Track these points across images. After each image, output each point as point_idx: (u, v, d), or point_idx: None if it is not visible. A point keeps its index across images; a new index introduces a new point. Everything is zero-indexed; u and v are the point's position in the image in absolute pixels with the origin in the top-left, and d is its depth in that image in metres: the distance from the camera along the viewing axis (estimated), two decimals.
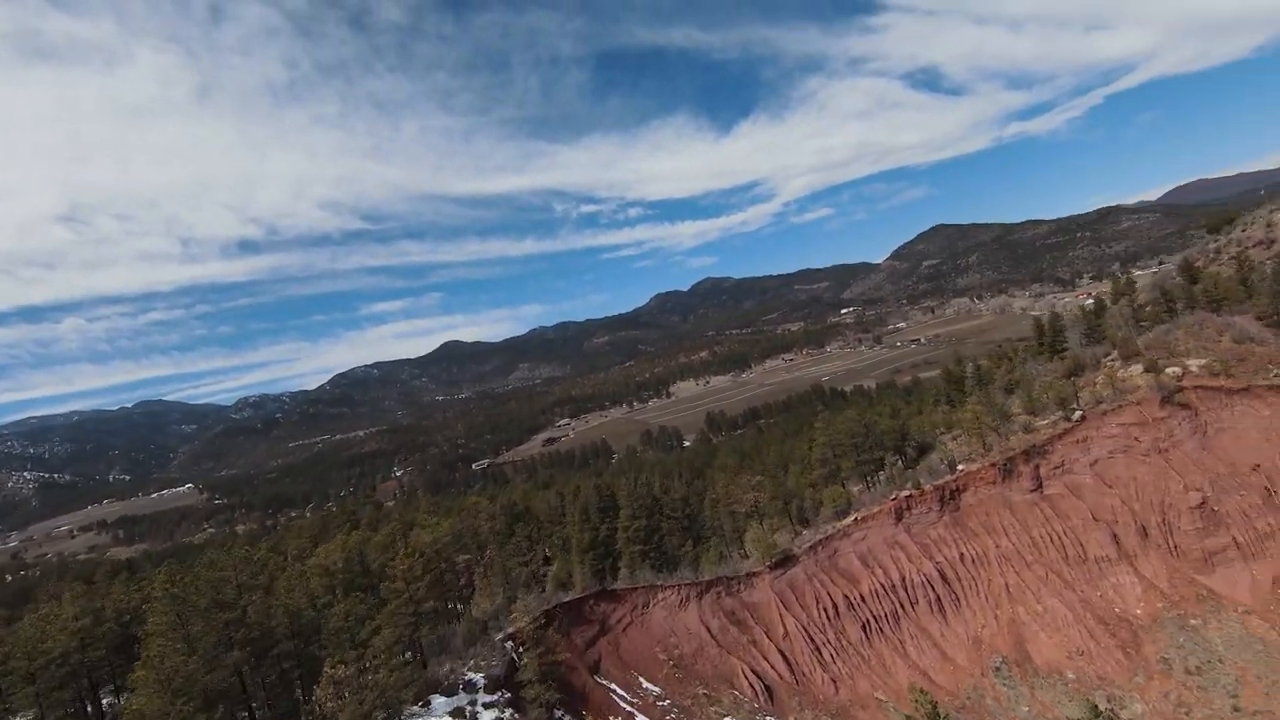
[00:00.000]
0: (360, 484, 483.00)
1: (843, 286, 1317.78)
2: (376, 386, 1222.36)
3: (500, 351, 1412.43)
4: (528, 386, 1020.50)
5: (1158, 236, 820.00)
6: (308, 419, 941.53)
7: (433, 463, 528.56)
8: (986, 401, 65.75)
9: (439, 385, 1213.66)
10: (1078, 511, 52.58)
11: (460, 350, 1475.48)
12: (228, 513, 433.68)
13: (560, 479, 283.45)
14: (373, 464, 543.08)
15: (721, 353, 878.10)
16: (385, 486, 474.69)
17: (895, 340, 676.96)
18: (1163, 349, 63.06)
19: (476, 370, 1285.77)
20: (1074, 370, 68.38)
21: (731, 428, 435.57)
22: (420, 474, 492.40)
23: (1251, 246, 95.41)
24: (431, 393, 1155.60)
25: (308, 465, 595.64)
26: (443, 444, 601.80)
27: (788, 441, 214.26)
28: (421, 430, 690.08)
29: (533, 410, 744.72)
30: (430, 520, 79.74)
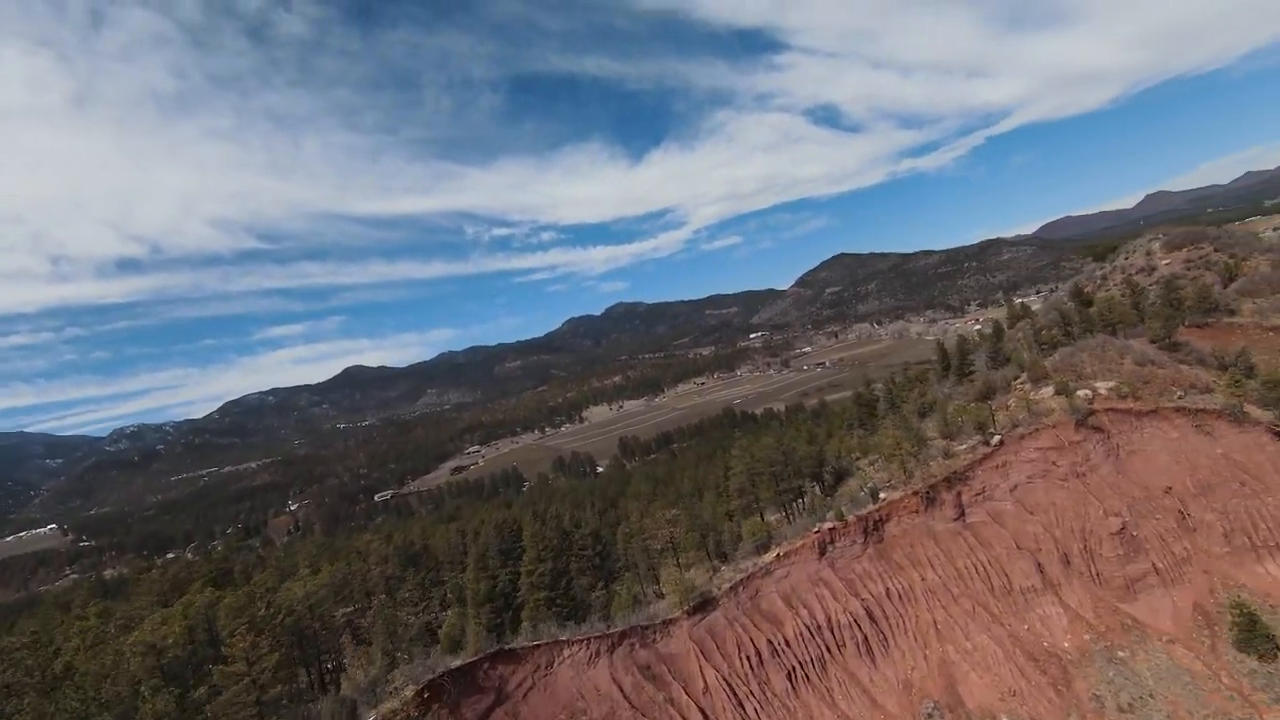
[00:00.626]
0: (250, 520, 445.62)
1: (751, 312, 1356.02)
2: (272, 414, 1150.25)
3: (407, 376, 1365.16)
4: (436, 412, 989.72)
5: (1035, 267, 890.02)
6: (193, 450, 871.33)
7: (331, 495, 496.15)
8: (905, 427, 64.00)
9: (340, 412, 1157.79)
10: (1001, 540, 50.71)
11: (364, 375, 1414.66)
12: (95, 556, 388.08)
13: (468, 510, 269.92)
14: (265, 498, 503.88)
15: (634, 377, 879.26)
16: (278, 522, 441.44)
17: (802, 364, 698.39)
18: (1070, 371, 63.38)
19: (381, 396, 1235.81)
20: (986, 393, 67.98)
21: (645, 452, 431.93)
22: (317, 508, 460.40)
23: (1135, 273, 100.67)
24: (332, 420, 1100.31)
25: (191, 501, 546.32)
26: (343, 474, 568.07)
27: (701, 466, 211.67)
28: (320, 460, 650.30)
29: (441, 437, 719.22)
30: (305, 572, 69.64)
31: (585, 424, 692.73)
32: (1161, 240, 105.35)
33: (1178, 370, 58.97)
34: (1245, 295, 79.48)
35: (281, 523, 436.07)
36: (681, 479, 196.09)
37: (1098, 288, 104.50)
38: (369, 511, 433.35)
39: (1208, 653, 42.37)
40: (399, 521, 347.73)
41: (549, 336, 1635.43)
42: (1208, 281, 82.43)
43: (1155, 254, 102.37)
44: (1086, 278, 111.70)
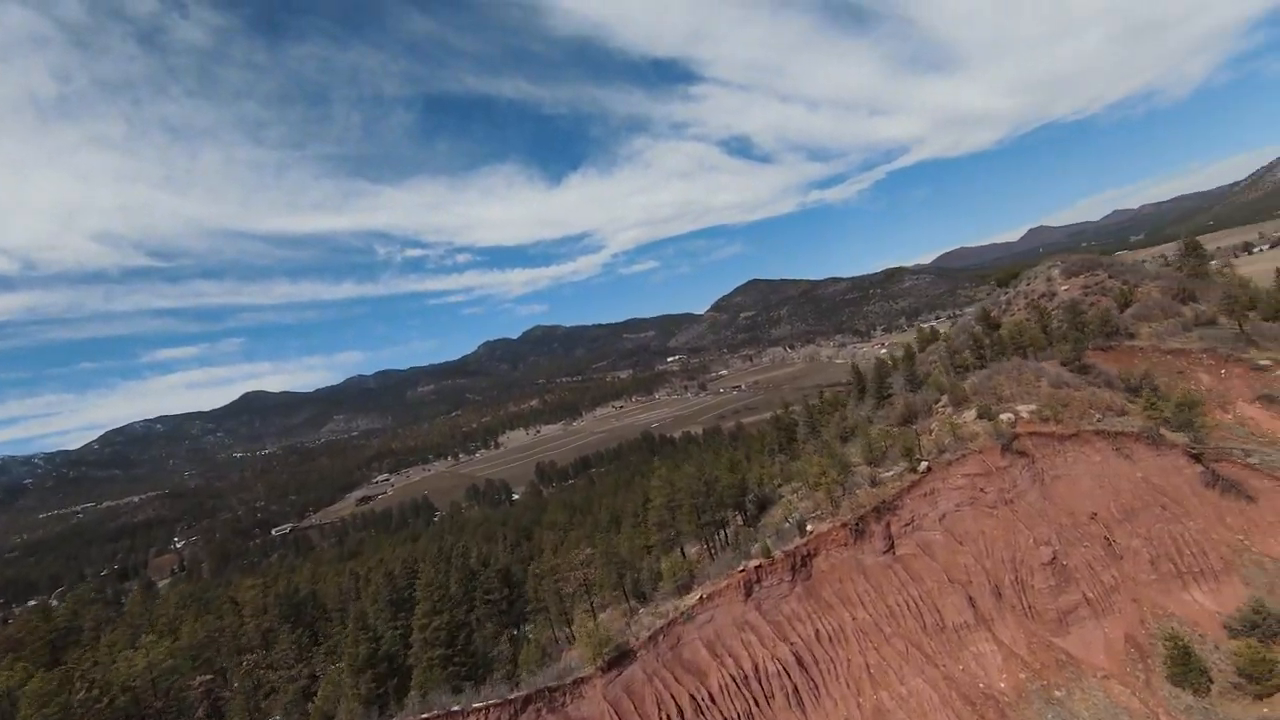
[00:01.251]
0: (128, 560, 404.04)
1: (668, 335, 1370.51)
2: (160, 444, 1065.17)
3: (312, 402, 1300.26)
4: (342, 440, 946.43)
5: (934, 294, 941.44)
6: (67, 484, 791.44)
7: (223, 530, 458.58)
8: (829, 453, 61.30)
9: (237, 441, 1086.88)
10: (931, 573, 48.04)
11: (264, 401, 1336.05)
12: None
13: (371, 545, 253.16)
14: (148, 535, 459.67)
15: (552, 401, 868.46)
16: (160, 561, 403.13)
17: (719, 387, 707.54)
18: (990, 394, 62.60)
19: (283, 423, 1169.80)
20: (908, 417, 66.43)
21: (562, 478, 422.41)
22: (207, 544, 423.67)
23: (1037, 298, 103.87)
24: (228, 449, 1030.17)
25: (62, 540, 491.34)
26: (238, 507, 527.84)
27: (620, 493, 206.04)
28: (212, 492, 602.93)
29: (347, 465, 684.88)
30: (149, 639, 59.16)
31: (501, 449, 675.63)
32: (1060, 267, 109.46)
33: (1093, 393, 58.95)
34: (1141, 320, 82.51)
35: (165, 562, 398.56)
36: (599, 507, 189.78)
37: (1003, 312, 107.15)
38: (265, 547, 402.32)
39: (1143, 688, 40.62)
40: (297, 558, 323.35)
41: (464, 360, 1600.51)
42: (1106, 306, 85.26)
43: (1055, 280, 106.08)
44: (992, 303, 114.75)
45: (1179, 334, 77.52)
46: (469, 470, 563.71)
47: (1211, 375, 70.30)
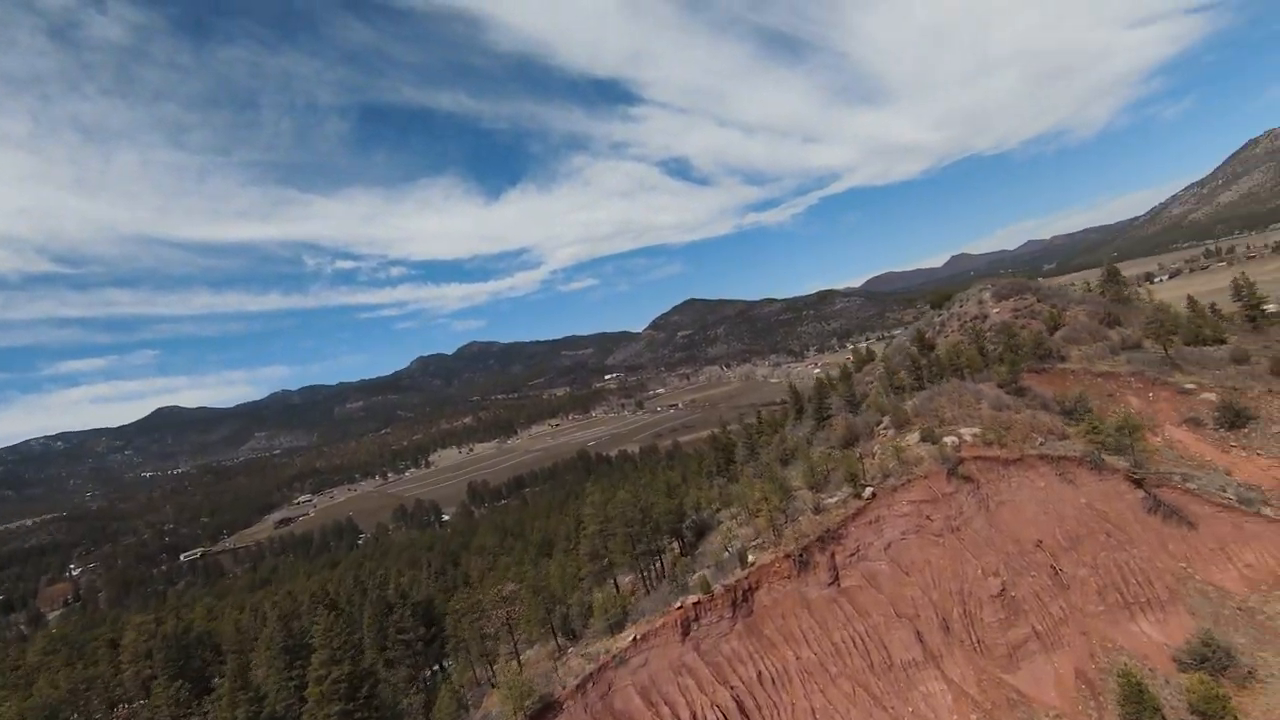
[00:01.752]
0: (16, 590, 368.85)
1: (606, 353, 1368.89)
2: (60, 462, 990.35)
3: (231, 418, 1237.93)
4: (263, 458, 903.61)
5: (864, 316, 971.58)
6: None
7: (126, 556, 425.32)
8: (770, 477, 58.40)
9: (148, 459, 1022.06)
10: (878, 606, 45.37)
11: (179, 417, 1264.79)
12: None
13: (286, 571, 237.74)
14: (40, 562, 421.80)
15: (486, 418, 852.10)
16: (53, 591, 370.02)
17: (656, 405, 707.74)
18: (931, 416, 61.19)
19: (199, 440, 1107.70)
20: (850, 439, 64.46)
21: (496, 498, 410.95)
22: (107, 571, 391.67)
23: (970, 320, 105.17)
24: (136, 469, 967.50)
25: None
26: (143, 531, 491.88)
27: (554, 515, 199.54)
28: (116, 515, 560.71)
29: (267, 485, 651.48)
30: None
31: (432, 468, 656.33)
32: (991, 290, 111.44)
33: (1033, 416, 58.23)
34: (1070, 343, 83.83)
35: (58, 592, 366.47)
36: (532, 529, 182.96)
37: (937, 333, 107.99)
38: (170, 574, 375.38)
39: None
40: (205, 585, 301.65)
41: (396, 376, 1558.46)
42: (1038, 329, 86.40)
43: (986, 302, 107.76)
44: (926, 324, 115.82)
45: (1107, 357, 78.82)
46: (398, 490, 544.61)
47: (1140, 398, 71.24)
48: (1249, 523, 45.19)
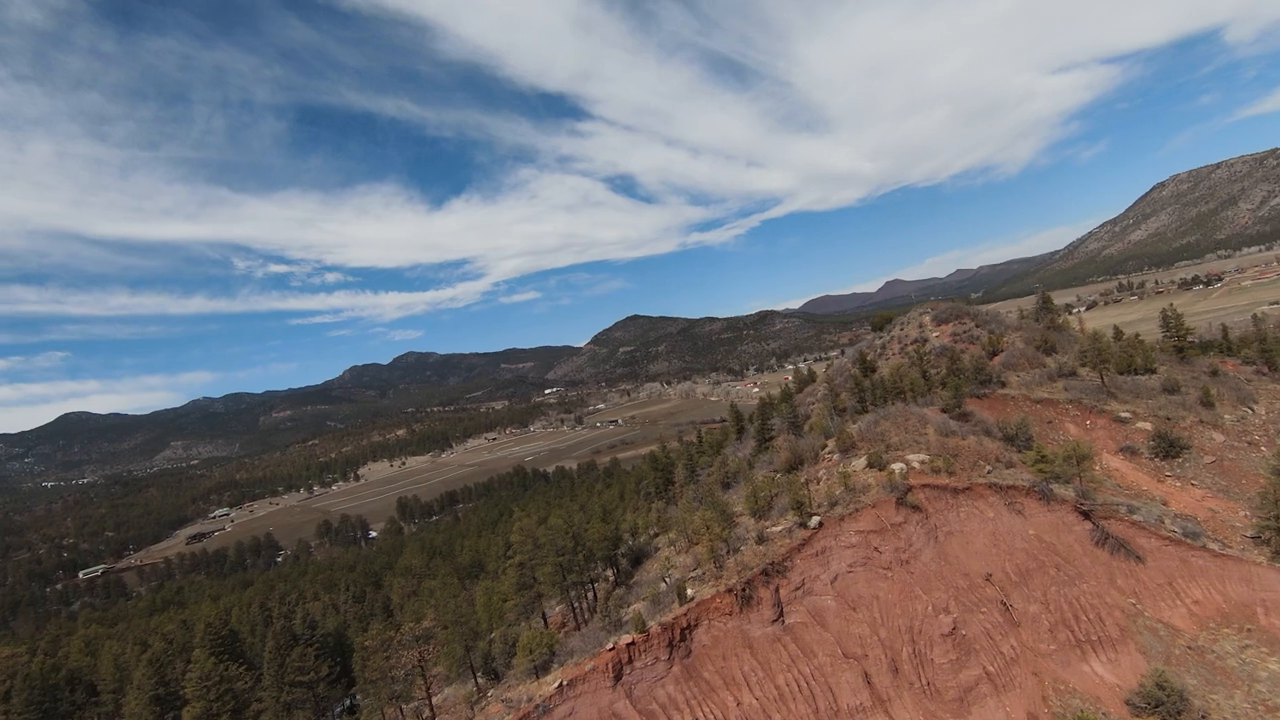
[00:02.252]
0: None
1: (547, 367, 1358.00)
2: None
3: (147, 426, 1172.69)
4: (179, 469, 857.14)
5: (802, 337, 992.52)
6: None
7: (17, 573, 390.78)
8: (712, 502, 55.03)
9: (50, 468, 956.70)
10: (824, 645, 42.23)
11: (87, 424, 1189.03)
12: None
13: (193, 592, 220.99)
14: None
15: (421, 431, 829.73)
16: None
17: (595, 420, 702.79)
18: (877, 441, 59.10)
19: (109, 449, 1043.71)
20: (794, 462, 61.79)
21: (426, 514, 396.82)
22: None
23: (910, 344, 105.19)
24: (37, 478, 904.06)
25: None
26: (39, 545, 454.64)
27: (485, 534, 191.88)
28: (10, 527, 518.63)
29: (181, 498, 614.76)
30: None
31: (361, 482, 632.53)
32: (931, 314, 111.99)
33: (980, 443, 56.80)
34: (1009, 369, 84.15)
35: None
36: (461, 549, 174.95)
37: (879, 355, 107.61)
38: (67, 594, 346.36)
39: None
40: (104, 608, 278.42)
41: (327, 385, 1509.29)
42: (978, 354, 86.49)
43: (927, 326, 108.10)
44: (868, 346, 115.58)
45: (1045, 384, 79.13)
46: (324, 504, 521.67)
47: (1078, 426, 71.29)
48: (1195, 557, 44.26)
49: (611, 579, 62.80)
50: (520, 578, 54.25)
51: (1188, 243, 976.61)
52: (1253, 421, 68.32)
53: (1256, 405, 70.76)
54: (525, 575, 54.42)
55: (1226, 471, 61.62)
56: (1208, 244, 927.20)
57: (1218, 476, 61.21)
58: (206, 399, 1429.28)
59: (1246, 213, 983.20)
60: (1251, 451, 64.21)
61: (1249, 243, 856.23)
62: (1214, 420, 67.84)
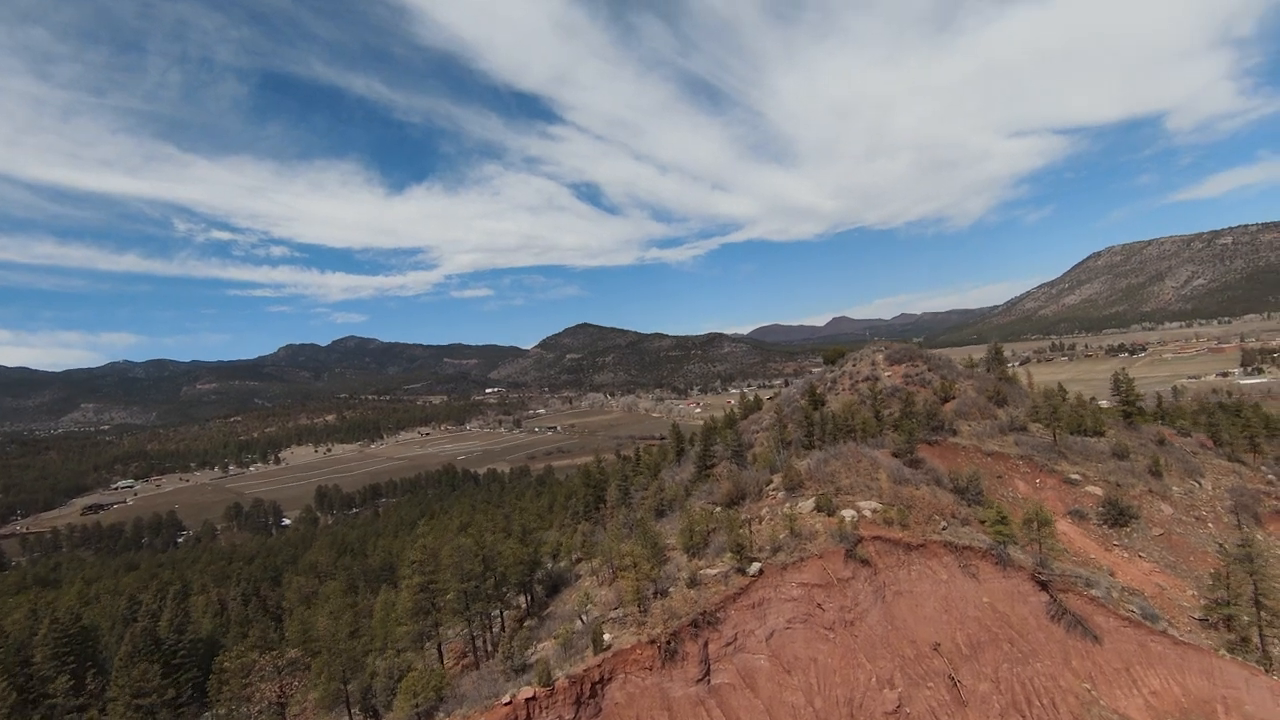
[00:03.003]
0: None
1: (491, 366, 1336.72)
2: None
3: (58, 384, 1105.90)
4: (87, 433, 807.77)
5: (748, 363, 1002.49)
6: None
7: None
8: (644, 534, 49.55)
9: None
10: (753, 713, 37.05)
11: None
12: None
13: (71, 570, 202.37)
14: None
15: (352, 418, 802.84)
16: None
17: (534, 425, 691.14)
18: (827, 482, 54.79)
19: (12, 404, 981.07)
20: (735, 496, 56.93)
21: (346, 506, 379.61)
22: None
23: (861, 381, 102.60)
24: None
25: None
26: None
27: (401, 535, 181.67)
28: None
29: (84, 465, 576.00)
30: None
31: (282, 465, 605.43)
32: (885, 353, 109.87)
33: (934, 493, 53.07)
34: (961, 417, 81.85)
35: None
36: (374, 549, 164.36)
37: (829, 389, 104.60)
38: None
39: None
40: None
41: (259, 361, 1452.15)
42: (931, 399, 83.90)
43: (879, 364, 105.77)
44: (818, 378, 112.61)
45: (996, 436, 76.81)
46: (238, 485, 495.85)
47: (1028, 484, 68.79)
48: (1154, 642, 41.06)
49: (524, 606, 56.55)
50: (417, 602, 47.36)
51: (1116, 311, 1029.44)
52: (1200, 496, 67.08)
53: (1203, 479, 69.73)
54: (423, 600, 47.55)
55: (1174, 546, 59.67)
56: (1134, 315, 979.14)
57: (1165, 550, 59.16)
58: (127, 362, 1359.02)
59: (1171, 290, 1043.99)
60: (1199, 527, 62.64)
61: (1171, 318, 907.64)
62: (1163, 491, 66.27)
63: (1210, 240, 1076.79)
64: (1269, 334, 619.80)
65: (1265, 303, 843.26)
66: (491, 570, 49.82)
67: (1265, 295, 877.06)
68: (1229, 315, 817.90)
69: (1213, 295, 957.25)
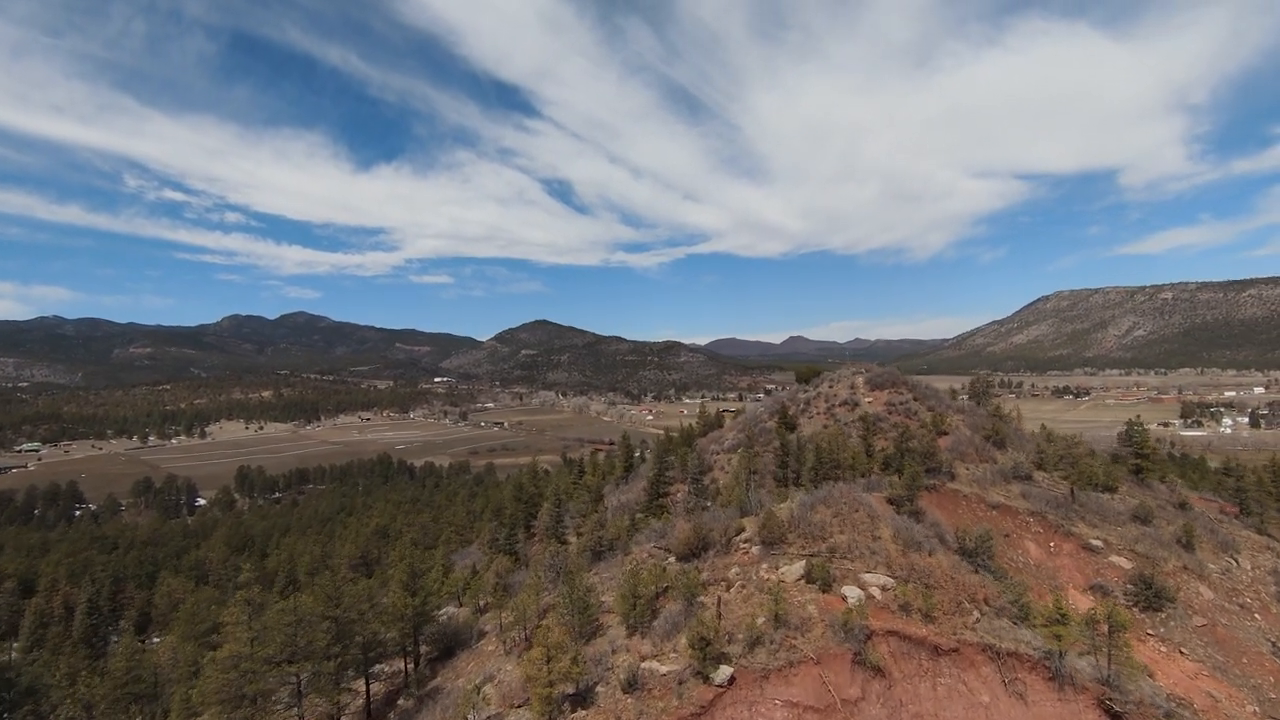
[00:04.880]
0: None
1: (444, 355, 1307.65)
2: None
3: None
4: (3, 388, 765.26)
5: (704, 374, 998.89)
6: None
7: None
8: (575, 597, 35.90)
9: None
10: None
11: None
12: None
13: None
14: None
15: (290, 396, 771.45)
16: None
17: (481, 419, 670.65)
18: (815, 535, 42.11)
19: None
20: (695, 546, 43.70)
21: (269, 490, 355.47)
22: None
23: (838, 405, 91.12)
24: None
25: None
26: None
27: (319, 530, 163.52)
28: None
29: None
30: None
31: (208, 440, 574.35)
32: (865, 376, 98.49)
33: (955, 565, 40.86)
34: (957, 457, 70.79)
35: None
36: (278, 548, 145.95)
37: (801, 412, 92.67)
38: None
39: None
40: None
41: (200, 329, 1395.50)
42: (928, 437, 72.45)
43: (859, 389, 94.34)
44: (789, 398, 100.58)
45: (999, 484, 65.50)
46: (156, 458, 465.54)
47: (1040, 547, 57.47)
48: None
49: (402, 674, 42.29)
50: (223, 685, 31.85)
51: (1061, 354, 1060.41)
52: (1239, 577, 56.73)
53: (1239, 556, 59.61)
54: (233, 685, 32.19)
55: (1221, 641, 48.83)
56: (1078, 359, 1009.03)
57: (1211, 647, 48.23)
58: (57, 318, 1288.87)
59: (1113, 338, 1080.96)
60: (1245, 617, 52.03)
61: (1112, 365, 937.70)
62: (1198, 569, 55.65)
63: (1152, 294, 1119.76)
64: (1204, 388, 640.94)
65: (1199, 358, 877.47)
66: (350, 638, 35.33)
67: (1200, 351, 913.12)
68: (1165, 367, 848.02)
69: (1151, 346, 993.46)
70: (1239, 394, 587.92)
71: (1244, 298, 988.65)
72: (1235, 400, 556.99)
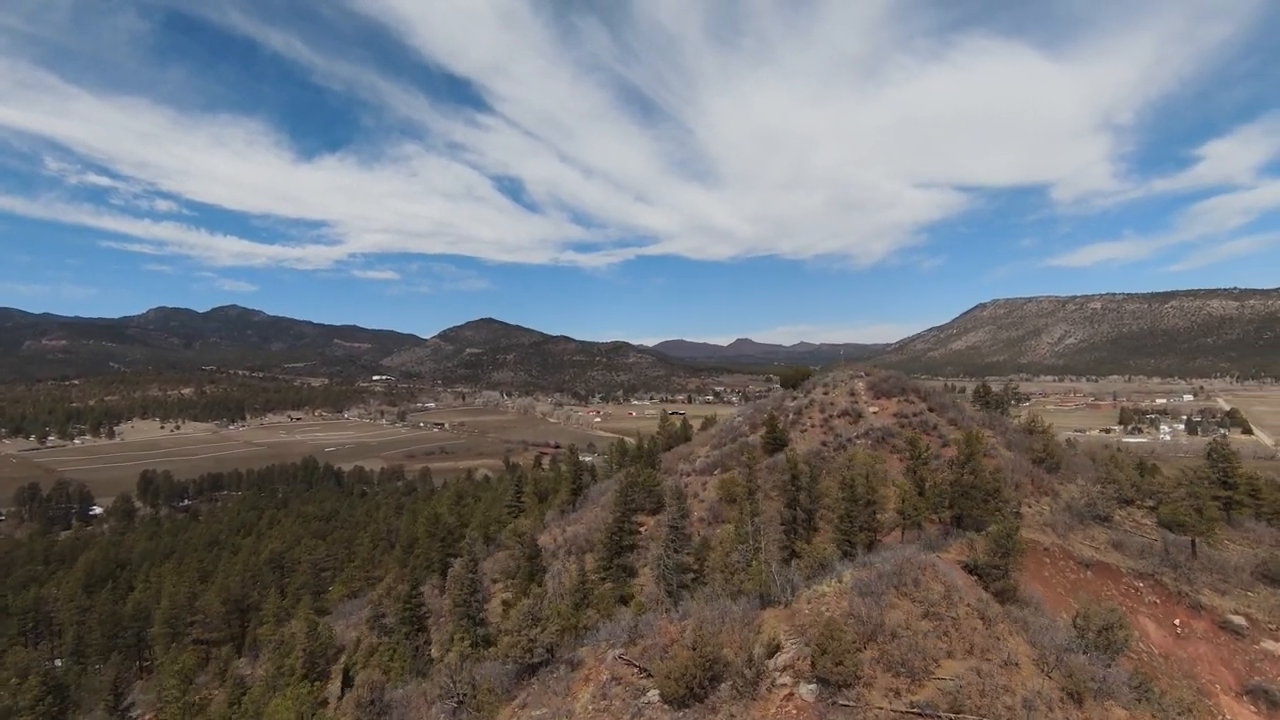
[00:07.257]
0: None
1: (385, 353, 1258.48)
2: None
3: None
4: None
5: (652, 376, 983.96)
6: None
7: None
8: None
9: None
10: None
11: None
12: None
13: None
14: None
15: (214, 393, 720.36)
16: None
17: (421, 420, 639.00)
18: (907, 667, 24.12)
19: None
20: (700, 678, 25.09)
21: (176, 497, 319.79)
22: None
23: (836, 416, 74.10)
24: None
25: None
26: None
27: (211, 555, 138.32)
28: None
29: None
30: None
31: (116, 441, 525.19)
32: (865, 380, 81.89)
33: None
34: (1010, 490, 54.44)
35: None
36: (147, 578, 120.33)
37: (792, 424, 75.11)
38: None
39: None
40: None
41: (124, 322, 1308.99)
42: (994, 465, 55.70)
43: (861, 396, 77.61)
44: (776, 405, 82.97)
45: (1076, 528, 49.28)
46: (51, 460, 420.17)
47: (1160, 626, 40.89)
48: None
49: None
50: None
51: (998, 360, 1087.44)
52: None
53: None
54: None
55: None
56: (1013, 365, 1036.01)
57: None
58: None
59: (1047, 345, 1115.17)
60: None
61: (1045, 371, 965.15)
62: None
63: (1082, 304, 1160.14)
64: (1136, 395, 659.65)
65: (1126, 365, 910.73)
66: None
67: (1127, 359, 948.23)
68: (1095, 374, 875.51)
69: (1082, 354, 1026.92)
70: (1170, 401, 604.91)
71: (1167, 309, 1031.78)
72: (1168, 407, 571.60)
